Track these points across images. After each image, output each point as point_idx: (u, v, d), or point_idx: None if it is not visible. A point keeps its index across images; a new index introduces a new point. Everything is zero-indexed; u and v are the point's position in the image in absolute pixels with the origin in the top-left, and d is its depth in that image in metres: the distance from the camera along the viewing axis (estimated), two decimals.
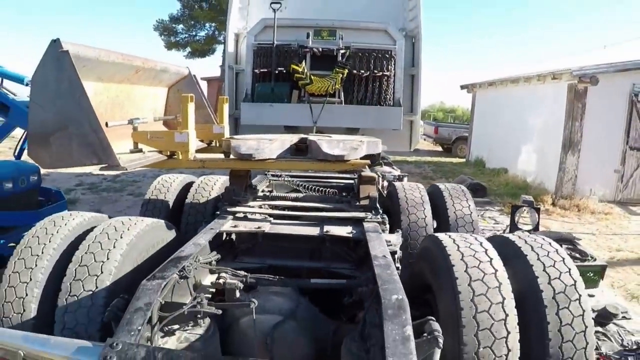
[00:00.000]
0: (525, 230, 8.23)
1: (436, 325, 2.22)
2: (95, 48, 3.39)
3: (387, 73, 7.33)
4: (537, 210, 8.75)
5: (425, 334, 2.17)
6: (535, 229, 8.42)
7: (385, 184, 5.90)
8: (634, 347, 4.68)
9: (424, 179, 14.81)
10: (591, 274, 6.21)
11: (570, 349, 2.52)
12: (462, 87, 21.27)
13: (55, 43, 2.97)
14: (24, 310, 2.76)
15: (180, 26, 31.59)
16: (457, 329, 2.43)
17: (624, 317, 5.37)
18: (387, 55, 7.33)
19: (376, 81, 7.36)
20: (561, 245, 6.78)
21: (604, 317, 5.27)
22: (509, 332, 2.42)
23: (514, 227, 8.44)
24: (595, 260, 6.36)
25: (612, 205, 11.83)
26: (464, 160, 20.80)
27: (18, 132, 6.72)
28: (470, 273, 2.59)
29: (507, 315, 2.46)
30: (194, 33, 31.78)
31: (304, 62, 7.09)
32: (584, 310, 2.61)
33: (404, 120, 7.82)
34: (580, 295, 2.66)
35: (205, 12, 29.48)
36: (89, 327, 2.58)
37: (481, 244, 2.87)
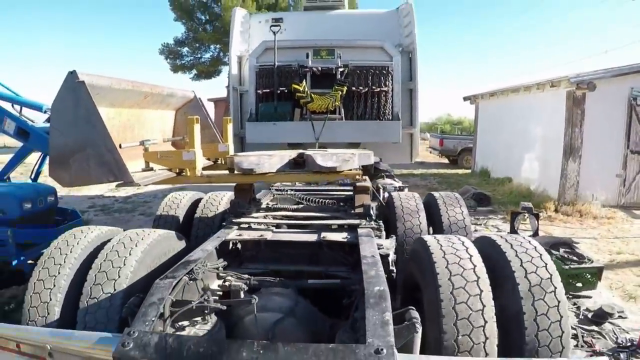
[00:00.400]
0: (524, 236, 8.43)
1: (415, 314, 2.46)
2: (107, 77, 3.71)
3: (385, 88, 7.50)
4: (537, 216, 8.95)
5: (405, 322, 2.41)
6: (535, 234, 8.60)
7: (386, 194, 6.13)
8: (628, 344, 4.85)
9: (429, 190, 15.01)
10: (588, 276, 6.33)
11: (546, 337, 2.71)
12: (465, 98, 21.41)
13: (72, 74, 3.29)
14: (48, 314, 3.03)
15: (185, 49, 31.68)
16: (438, 318, 2.64)
17: (620, 317, 5.55)
18: (385, 71, 7.51)
19: (375, 96, 7.53)
20: (559, 250, 7.01)
21: (599, 317, 5.51)
22: (486, 322, 2.63)
23: (513, 233, 8.63)
24: (592, 262, 6.49)
25: (615, 210, 11.89)
26: (469, 171, 20.90)
27: (31, 158, 7.08)
28: (450, 269, 2.83)
29: (484, 306, 2.67)
30: (199, 55, 31.86)
31: (304, 82, 7.26)
32: (559, 301, 2.81)
33: (404, 133, 8.02)
34: (555, 288, 2.86)
35: (210, 34, 29.61)
36: (108, 325, 2.83)
37: (463, 243, 3.13)
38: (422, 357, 2.41)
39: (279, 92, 7.44)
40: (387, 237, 4.19)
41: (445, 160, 25.61)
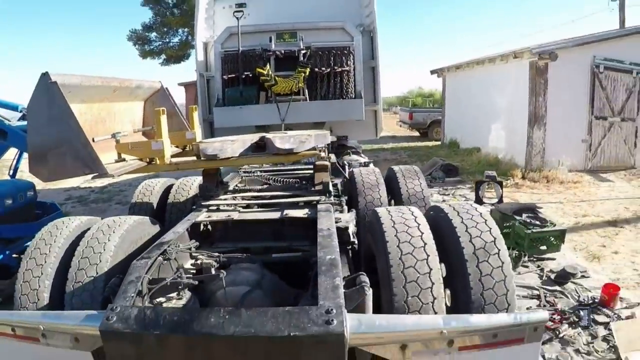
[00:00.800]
0: (489, 203, 8.78)
1: (365, 278, 2.71)
2: (77, 75, 3.91)
3: (347, 68, 7.68)
4: (500, 184, 9.29)
5: (356, 286, 2.67)
6: (500, 201, 8.94)
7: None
8: (590, 301, 5.14)
9: (398, 164, 15.26)
10: (552, 239, 6.63)
11: (492, 296, 2.94)
12: (432, 72, 21.62)
13: (45, 76, 3.48)
14: (38, 300, 3.26)
15: (154, 34, 31.17)
16: (389, 282, 2.88)
17: (582, 276, 5.84)
18: (346, 51, 7.68)
19: (337, 76, 7.71)
20: (522, 215, 7.31)
21: (562, 277, 5.78)
22: (433, 283, 2.86)
23: (479, 201, 8.96)
24: (555, 225, 6.78)
25: (582, 174, 12.29)
26: (439, 143, 21.13)
27: (6, 155, 7.23)
28: (399, 237, 3.07)
29: (431, 269, 2.90)
30: (167, 40, 31.36)
31: (268, 65, 7.41)
32: (502, 262, 3.03)
33: (368, 110, 8.25)
34: (499, 250, 3.09)
35: (177, 18, 29.20)
36: (93, 305, 3.05)
37: (412, 212, 3.38)
38: (372, 315, 2.63)
39: (244, 76, 7.58)
40: (349, 211, 4.46)
41: (416, 133, 25.77)
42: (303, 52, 7.51)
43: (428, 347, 2.38)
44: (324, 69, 7.65)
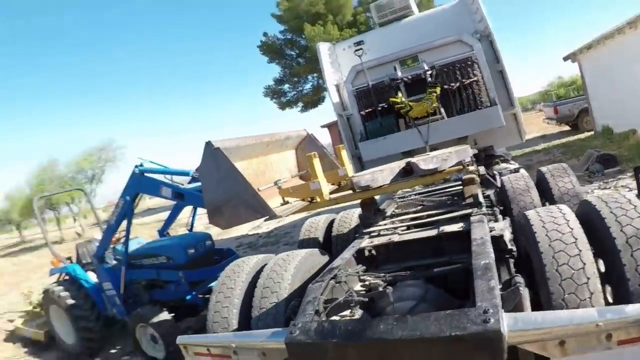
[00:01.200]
0: None
1: (520, 279, 2.89)
2: (234, 139, 4.57)
3: (475, 78, 7.67)
4: None
5: (511, 287, 2.86)
6: None
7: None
8: None
9: (552, 164, 14.62)
10: None
11: None
12: (565, 58, 20.69)
13: (209, 144, 4.15)
14: (228, 326, 3.88)
15: (286, 85, 33.14)
16: (545, 281, 2.98)
17: None
18: (469, 62, 7.69)
19: (468, 88, 7.72)
20: None
21: None
22: (588, 278, 2.87)
23: None
24: None
25: None
26: (592, 133, 19.89)
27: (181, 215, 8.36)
28: (549, 235, 3.18)
29: (584, 264, 2.92)
30: (300, 88, 33.20)
31: (399, 93, 7.65)
32: None
33: (506, 115, 8.13)
34: None
35: (303, 66, 30.78)
36: (276, 327, 3.47)
37: (560, 210, 3.48)
38: (527, 313, 2.76)
39: (379, 108, 7.85)
40: (504, 219, 4.56)
41: (566, 128, 24.17)
42: (429, 72, 7.62)
43: (586, 342, 2.38)
44: (452, 84, 7.70)
